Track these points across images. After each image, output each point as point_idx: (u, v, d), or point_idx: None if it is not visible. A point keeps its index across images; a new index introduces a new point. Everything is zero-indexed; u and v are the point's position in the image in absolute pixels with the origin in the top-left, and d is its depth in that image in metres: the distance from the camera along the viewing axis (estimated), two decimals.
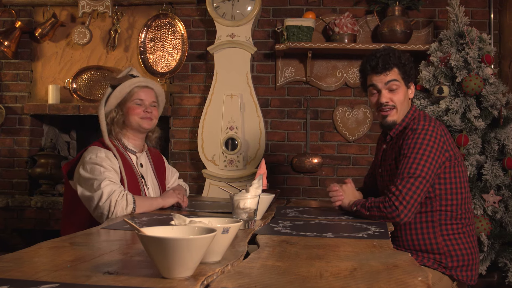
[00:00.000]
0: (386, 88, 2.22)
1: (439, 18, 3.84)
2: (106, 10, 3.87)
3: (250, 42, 3.75)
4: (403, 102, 2.24)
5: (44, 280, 1.04)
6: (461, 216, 2.17)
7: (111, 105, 2.34)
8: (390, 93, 2.22)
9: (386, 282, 1.09)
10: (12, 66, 4.11)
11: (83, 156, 2.24)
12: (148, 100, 2.39)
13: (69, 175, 2.31)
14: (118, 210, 2.07)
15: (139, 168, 2.38)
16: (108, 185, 2.10)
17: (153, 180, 2.46)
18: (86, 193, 2.14)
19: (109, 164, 2.19)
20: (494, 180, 3.19)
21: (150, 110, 2.39)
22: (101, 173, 2.14)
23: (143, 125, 2.37)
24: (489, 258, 3.19)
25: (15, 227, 3.99)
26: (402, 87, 2.24)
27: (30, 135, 4.10)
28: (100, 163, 2.17)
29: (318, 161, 3.79)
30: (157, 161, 2.55)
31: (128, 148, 2.38)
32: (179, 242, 1.03)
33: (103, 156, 2.21)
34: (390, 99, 2.22)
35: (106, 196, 2.07)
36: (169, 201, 2.30)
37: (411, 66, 2.26)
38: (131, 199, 2.11)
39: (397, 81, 2.21)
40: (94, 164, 2.16)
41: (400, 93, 2.24)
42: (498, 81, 3.31)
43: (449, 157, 2.15)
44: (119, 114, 2.34)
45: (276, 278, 1.11)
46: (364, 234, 1.72)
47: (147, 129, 2.40)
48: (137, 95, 2.36)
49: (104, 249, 1.40)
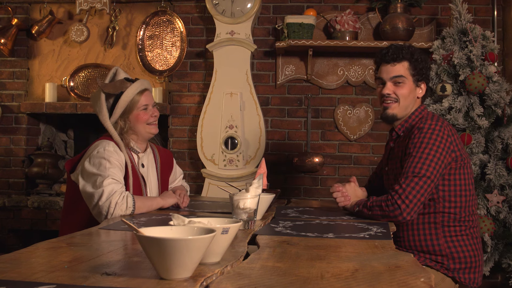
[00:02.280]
0: (392, 81, 2.22)
1: (442, 15, 3.82)
2: (104, 7, 3.86)
3: (250, 39, 3.73)
4: (406, 98, 2.21)
5: (41, 281, 1.04)
6: (465, 219, 2.14)
7: (116, 115, 2.33)
8: (394, 86, 2.22)
9: (388, 283, 1.09)
10: (9, 64, 4.09)
11: (90, 149, 2.24)
12: (151, 103, 2.41)
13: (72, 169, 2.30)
14: (117, 212, 2.07)
15: (140, 168, 2.38)
16: (110, 184, 2.10)
17: (154, 180, 2.45)
18: (87, 189, 2.14)
19: (116, 158, 2.19)
20: (498, 180, 3.18)
21: (156, 113, 2.42)
22: (106, 168, 2.13)
23: (152, 131, 2.41)
24: (492, 259, 3.18)
25: (11, 227, 3.98)
26: (409, 84, 2.21)
27: (26, 134, 4.08)
28: (107, 157, 2.17)
29: (319, 160, 3.75)
30: (165, 160, 2.55)
31: (132, 148, 2.38)
32: (178, 243, 1.03)
33: (111, 150, 2.21)
34: (393, 92, 2.21)
35: (106, 196, 2.07)
36: (169, 201, 2.30)
37: (425, 66, 2.23)
38: (131, 202, 2.11)
39: (403, 77, 2.20)
40: (101, 158, 2.16)
41: (405, 88, 2.21)
42: (501, 79, 3.30)
43: (455, 157, 2.11)
44: (128, 123, 2.34)
45: (277, 279, 1.11)
46: (366, 234, 1.71)
47: (155, 133, 2.44)
48: (141, 102, 2.36)
49: (102, 250, 1.40)
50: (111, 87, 2.31)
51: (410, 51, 2.21)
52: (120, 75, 2.37)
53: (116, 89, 2.31)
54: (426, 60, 2.25)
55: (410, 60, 2.20)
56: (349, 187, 2.26)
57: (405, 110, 2.24)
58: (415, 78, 2.22)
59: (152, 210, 2.22)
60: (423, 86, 2.25)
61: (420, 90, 2.25)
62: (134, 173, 2.30)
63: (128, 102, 2.32)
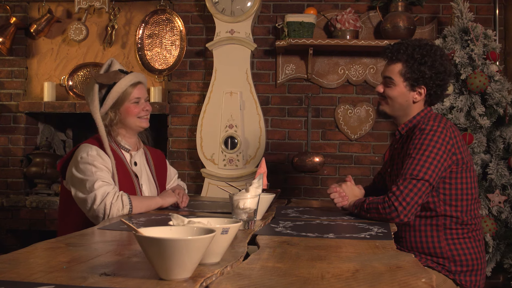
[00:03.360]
0: (384, 80, 2.23)
1: (443, 14, 3.81)
2: (102, 5, 3.85)
3: (250, 38, 3.71)
4: (395, 100, 2.18)
5: (39, 281, 1.05)
6: (467, 222, 2.11)
7: (107, 106, 2.30)
8: (385, 86, 2.22)
9: (389, 283, 1.08)
10: (7, 63, 4.08)
11: (75, 155, 2.20)
12: (144, 97, 2.36)
13: (63, 172, 2.27)
14: (114, 212, 2.05)
15: (133, 166, 2.34)
16: (102, 186, 2.07)
17: (149, 180, 2.41)
18: (79, 195, 2.11)
19: (100, 162, 2.15)
20: (500, 180, 3.17)
21: (148, 107, 2.36)
22: (93, 173, 2.10)
23: (142, 125, 2.35)
24: (494, 260, 3.17)
25: (9, 227, 3.96)
26: (399, 87, 2.16)
27: (25, 134, 4.06)
28: (91, 162, 2.13)
29: (319, 160, 3.74)
30: (158, 161, 2.52)
31: (121, 145, 2.35)
32: (177, 243, 1.03)
33: (95, 154, 2.17)
34: (384, 91, 2.22)
35: (100, 199, 2.05)
36: (168, 200, 2.28)
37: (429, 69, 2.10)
38: (127, 200, 2.08)
39: (392, 79, 2.17)
40: (85, 164, 2.13)
41: (394, 91, 2.18)
42: (503, 78, 3.30)
43: (456, 160, 2.07)
44: (118, 115, 2.30)
45: (277, 279, 1.11)
46: (367, 234, 1.70)
47: (146, 127, 2.39)
48: (133, 94, 2.31)
49: (100, 250, 1.40)
50: (105, 78, 2.28)
51: (409, 52, 2.12)
52: (115, 66, 2.35)
53: (109, 80, 2.28)
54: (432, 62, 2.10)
55: (407, 62, 2.13)
56: (346, 187, 2.24)
57: (398, 110, 2.20)
58: (409, 82, 2.14)
59: (152, 210, 2.19)
60: (422, 91, 2.15)
61: (417, 95, 2.16)
62: (125, 171, 2.27)
63: (120, 93, 2.28)
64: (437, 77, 2.13)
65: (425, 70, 2.11)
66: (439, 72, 2.13)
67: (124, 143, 2.35)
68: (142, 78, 2.38)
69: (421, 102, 2.20)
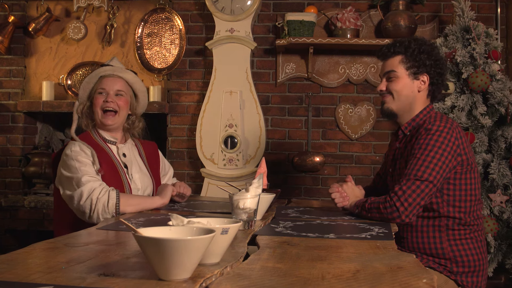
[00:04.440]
0: (385, 77, 2.22)
1: (445, 12, 3.80)
2: (101, 4, 3.85)
3: (250, 37, 3.70)
4: (401, 92, 2.17)
5: (38, 282, 1.04)
6: (470, 223, 2.10)
7: (82, 98, 2.31)
8: (387, 82, 2.21)
9: (390, 284, 1.08)
10: (5, 62, 4.07)
11: (62, 154, 2.20)
12: (112, 89, 2.29)
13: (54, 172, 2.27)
14: (99, 207, 2.02)
15: (122, 158, 2.31)
16: (88, 182, 2.06)
17: (142, 170, 2.38)
18: (67, 192, 2.11)
19: (84, 157, 2.14)
20: (501, 179, 3.16)
21: (112, 99, 2.27)
22: (78, 169, 2.09)
23: (105, 121, 2.28)
24: (495, 260, 3.16)
25: (8, 227, 3.95)
26: (402, 78, 2.17)
27: (23, 133, 4.05)
28: (75, 157, 2.13)
29: (320, 159, 3.72)
30: (149, 152, 2.50)
31: (107, 139, 2.33)
32: (176, 243, 1.02)
33: (78, 150, 2.16)
34: (386, 87, 2.21)
35: (86, 195, 2.04)
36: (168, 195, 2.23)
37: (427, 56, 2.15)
38: (114, 195, 2.06)
39: (394, 71, 2.17)
40: (70, 160, 2.13)
41: (398, 83, 2.18)
42: (505, 78, 3.28)
43: (461, 161, 2.06)
44: (87, 106, 2.31)
45: (277, 280, 1.11)
46: (367, 235, 1.69)
47: (110, 125, 2.30)
48: (98, 84, 2.30)
49: (99, 250, 1.39)
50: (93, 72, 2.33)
51: (405, 44, 2.16)
52: (112, 62, 2.36)
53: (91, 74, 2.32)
54: (430, 51, 2.16)
55: (405, 53, 2.16)
56: (347, 187, 2.22)
57: (403, 106, 2.19)
58: (412, 70, 2.16)
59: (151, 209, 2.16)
60: (425, 78, 2.17)
61: (421, 83, 2.18)
62: (112, 163, 2.24)
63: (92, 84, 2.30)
64: (437, 64, 2.17)
65: (424, 58, 2.15)
66: (437, 60, 2.18)
67: (109, 137, 2.33)
68: (121, 72, 2.33)
69: (424, 92, 2.19)
